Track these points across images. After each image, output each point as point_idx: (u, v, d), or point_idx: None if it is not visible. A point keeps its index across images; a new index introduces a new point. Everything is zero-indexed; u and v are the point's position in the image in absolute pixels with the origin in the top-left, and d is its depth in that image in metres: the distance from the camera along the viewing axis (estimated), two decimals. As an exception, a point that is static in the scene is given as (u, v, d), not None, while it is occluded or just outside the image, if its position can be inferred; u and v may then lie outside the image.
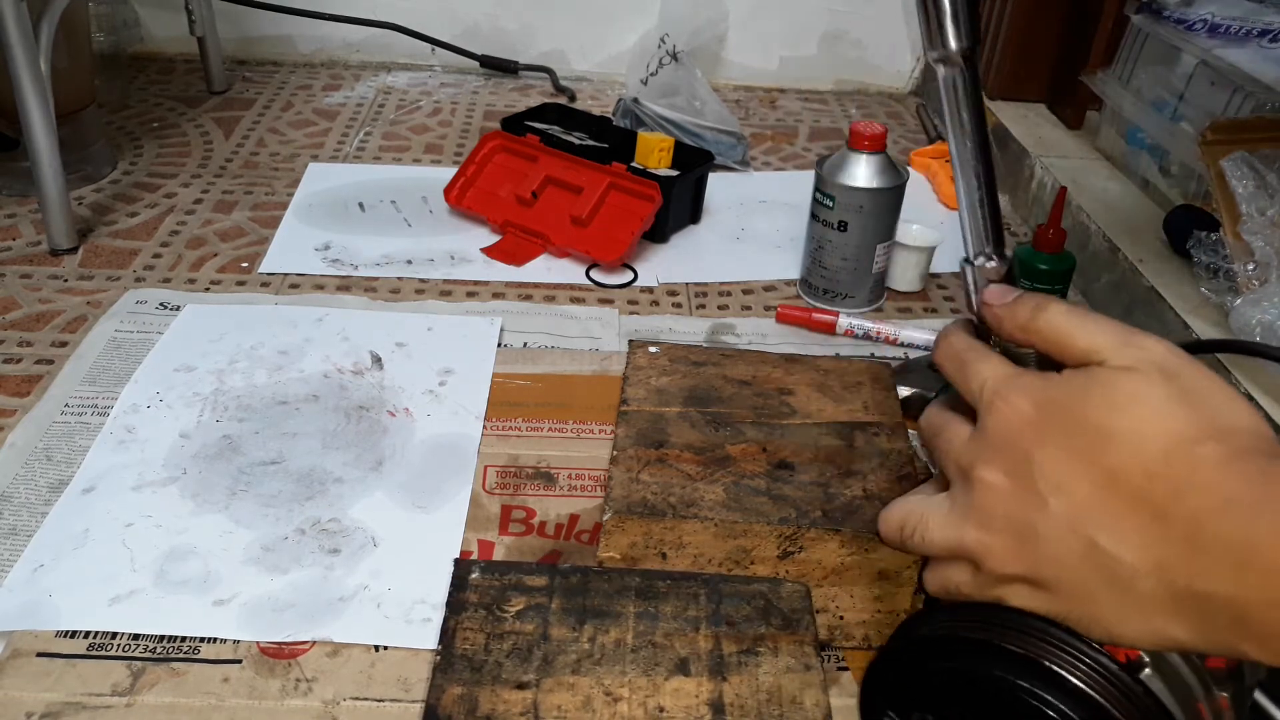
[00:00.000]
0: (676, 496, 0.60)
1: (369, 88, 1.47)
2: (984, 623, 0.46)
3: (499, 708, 0.51)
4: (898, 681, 0.49)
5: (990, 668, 0.44)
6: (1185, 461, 0.39)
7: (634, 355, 0.74)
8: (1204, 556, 0.38)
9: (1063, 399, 0.43)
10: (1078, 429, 0.42)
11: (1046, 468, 0.42)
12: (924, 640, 0.47)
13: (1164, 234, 0.96)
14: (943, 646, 0.47)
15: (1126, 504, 0.40)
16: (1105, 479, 0.40)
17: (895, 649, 0.49)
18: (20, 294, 0.93)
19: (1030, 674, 0.43)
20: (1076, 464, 0.41)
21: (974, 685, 0.45)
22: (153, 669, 0.57)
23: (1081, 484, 0.41)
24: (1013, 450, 0.43)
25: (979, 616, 0.46)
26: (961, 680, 0.46)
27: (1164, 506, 0.39)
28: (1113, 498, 0.40)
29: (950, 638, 0.46)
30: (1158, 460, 0.40)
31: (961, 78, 0.50)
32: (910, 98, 1.58)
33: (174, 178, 1.17)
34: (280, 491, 0.70)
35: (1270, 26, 0.96)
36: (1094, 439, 0.41)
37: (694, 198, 1.10)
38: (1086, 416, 0.42)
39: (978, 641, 0.45)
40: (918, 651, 0.48)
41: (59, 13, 0.97)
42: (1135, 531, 0.40)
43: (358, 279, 0.98)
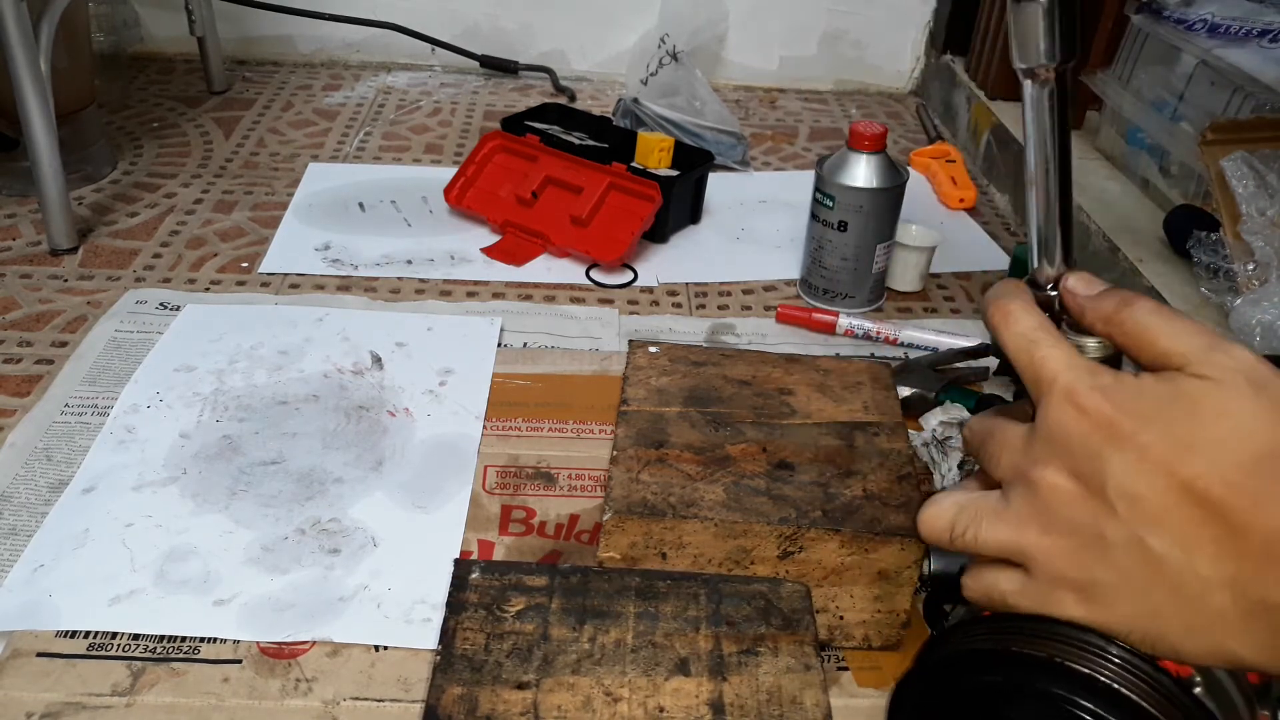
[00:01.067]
0: (676, 496, 0.60)
1: (369, 88, 1.47)
2: (1033, 635, 0.43)
3: (499, 708, 0.51)
4: (932, 698, 0.47)
5: (1041, 682, 0.43)
6: (1268, 475, 0.38)
7: (634, 355, 0.74)
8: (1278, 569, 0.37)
9: (1141, 405, 0.41)
10: (1156, 437, 0.40)
11: (1119, 474, 0.40)
12: (965, 654, 0.45)
13: (1164, 234, 0.96)
14: (985, 660, 0.45)
15: (1202, 515, 0.39)
16: (1182, 489, 0.39)
17: (930, 662, 0.47)
18: (20, 294, 0.93)
19: (1083, 689, 0.41)
20: (1152, 473, 0.40)
21: (1021, 701, 0.43)
22: (153, 669, 0.57)
23: (1155, 493, 0.39)
24: (1083, 453, 0.41)
25: (1025, 629, 0.44)
26: (1006, 696, 0.44)
27: (1243, 520, 0.38)
28: (1188, 508, 0.39)
29: (995, 651, 0.44)
30: (1238, 472, 0.38)
31: (1052, 94, 0.48)
32: (910, 98, 1.58)
33: (174, 178, 1.17)
34: (280, 491, 0.70)
35: (1270, 26, 0.96)
36: (1173, 448, 0.39)
37: (694, 198, 1.10)
38: (1167, 425, 0.40)
39: (1027, 656, 0.43)
40: (958, 665, 0.46)
41: (59, 13, 0.97)
42: (1210, 543, 0.38)
43: (358, 279, 0.98)
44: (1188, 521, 0.39)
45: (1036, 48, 0.47)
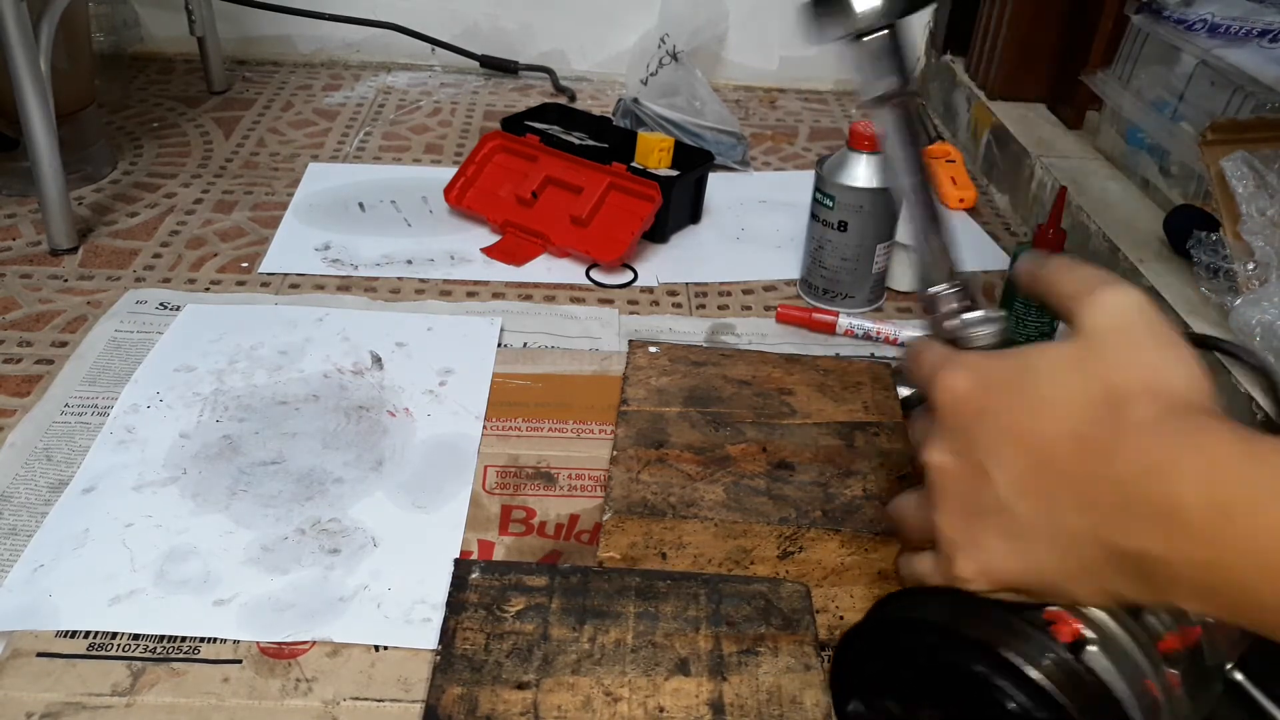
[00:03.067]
0: (676, 496, 0.60)
1: (369, 88, 1.47)
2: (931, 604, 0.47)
3: (499, 708, 0.51)
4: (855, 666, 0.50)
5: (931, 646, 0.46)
6: (1112, 426, 0.40)
7: (634, 355, 0.74)
8: (1135, 519, 0.39)
9: (998, 371, 0.44)
10: (1013, 399, 0.43)
11: (985, 440, 0.43)
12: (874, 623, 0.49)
13: (1164, 234, 0.96)
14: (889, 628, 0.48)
15: (1060, 471, 0.41)
16: (1040, 447, 0.42)
17: (851, 634, 0.51)
18: (20, 294, 0.93)
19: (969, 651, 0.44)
20: (1013, 435, 0.43)
21: (920, 664, 0.46)
22: (153, 669, 0.57)
23: (1019, 454, 0.42)
24: (955, 426, 0.45)
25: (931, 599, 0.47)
26: (907, 660, 0.47)
27: (1095, 471, 0.40)
28: (1047, 466, 0.41)
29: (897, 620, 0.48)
30: (1086, 424, 0.41)
31: (903, 115, 0.53)
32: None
33: (174, 178, 1.17)
34: (280, 491, 0.70)
35: (1270, 26, 0.96)
36: (1028, 408, 0.42)
37: (694, 198, 1.10)
38: (1021, 387, 0.43)
39: (921, 621, 0.47)
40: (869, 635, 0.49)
41: (59, 13, 0.97)
42: (1071, 497, 0.41)
43: (358, 279, 0.98)
44: (1050, 479, 0.41)
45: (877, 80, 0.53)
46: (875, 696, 0.49)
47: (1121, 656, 0.44)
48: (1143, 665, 0.44)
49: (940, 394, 0.46)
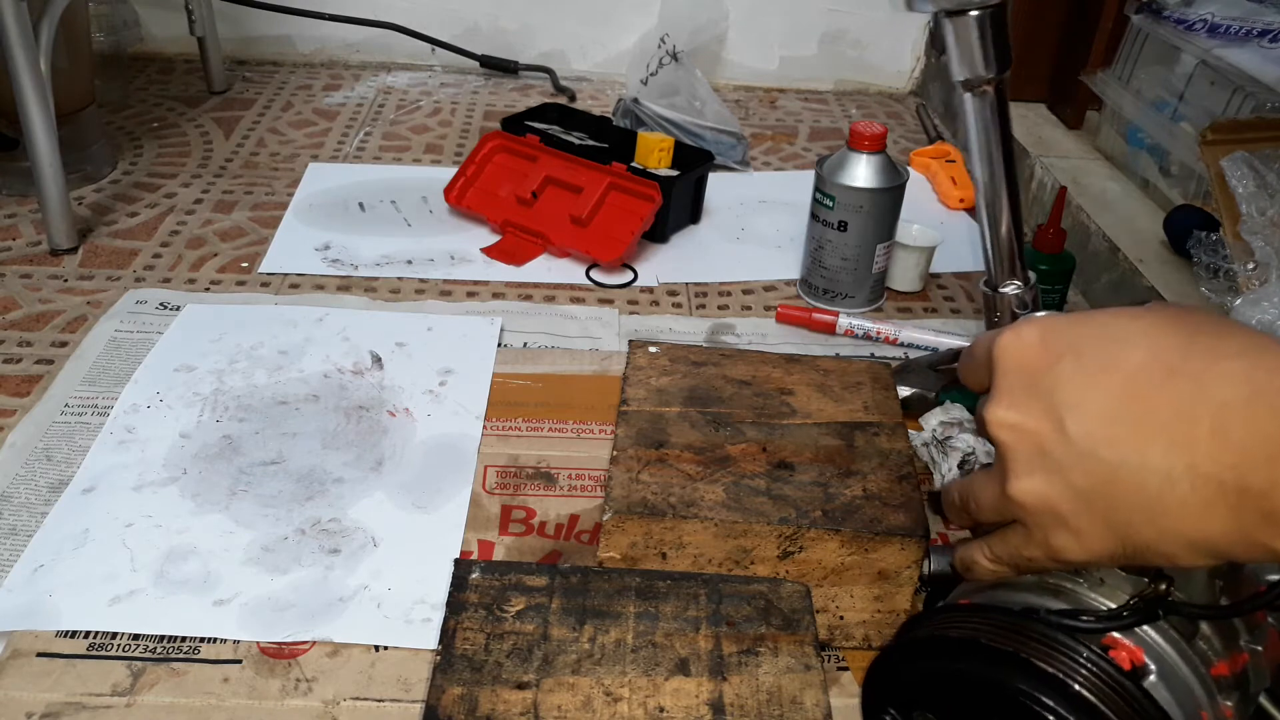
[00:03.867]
0: (676, 496, 0.60)
1: (369, 88, 1.47)
2: (982, 624, 0.45)
3: (499, 708, 0.51)
4: (898, 679, 0.48)
5: (990, 671, 0.44)
6: (1205, 354, 0.38)
7: (634, 355, 0.74)
8: (1234, 449, 0.36)
9: (1071, 323, 0.42)
10: (1091, 343, 0.41)
11: (1060, 385, 0.41)
12: (924, 640, 0.47)
13: (1164, 234, 0.96)
14: (943, 647, 0.46)
15: (1146, 407, 0.38)
16: (1125, 383, 0.39)
17: (896, 647, 0.49)
18: (20, 294, 0.93)
19: (1031, 678, 0.42)
20: (1093, 374, 0.40)
21: (972, 688, 0.45)
22: (153, 669, 0.57)
23: (1099, 395, 0.40)
24: (1022, 380, 0.42)
25: (976, 617, 0.45)
26: (960, 682, 0.45)
27: (1188, 404, 0.38)
28: (1132, 403, 0.39)
29: (951, 639, 0.46)
30: (1177, 354, 0.38)
31: (991, 105, 0.49)
32: (910, 98, 1.58)
33: (174, 178, 1.17)
34: (280, 491, 0.70)
35: (1270, 26, 0.96)
36: (1110, 347, 0.40)
37: (694, 198, 1.10)
38: (1100, 331, 0.41)
39: (977, 644, 0.44)
40: (917, 651, 0.47)
41: (59, 13, 0.97)
42: (1161, 433, 0.38)
43: (358, 279, 0.98)
44: (1134, 418, 0.39)
45: (973, 60, 0.48)
46: (916, 711, 0.47)
47: (1178, 685, 0.43)
48: (1200, 695, 0.43)
49: (1005, 352, 0.43)
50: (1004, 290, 0.51)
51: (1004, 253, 0.51)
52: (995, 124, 0.50)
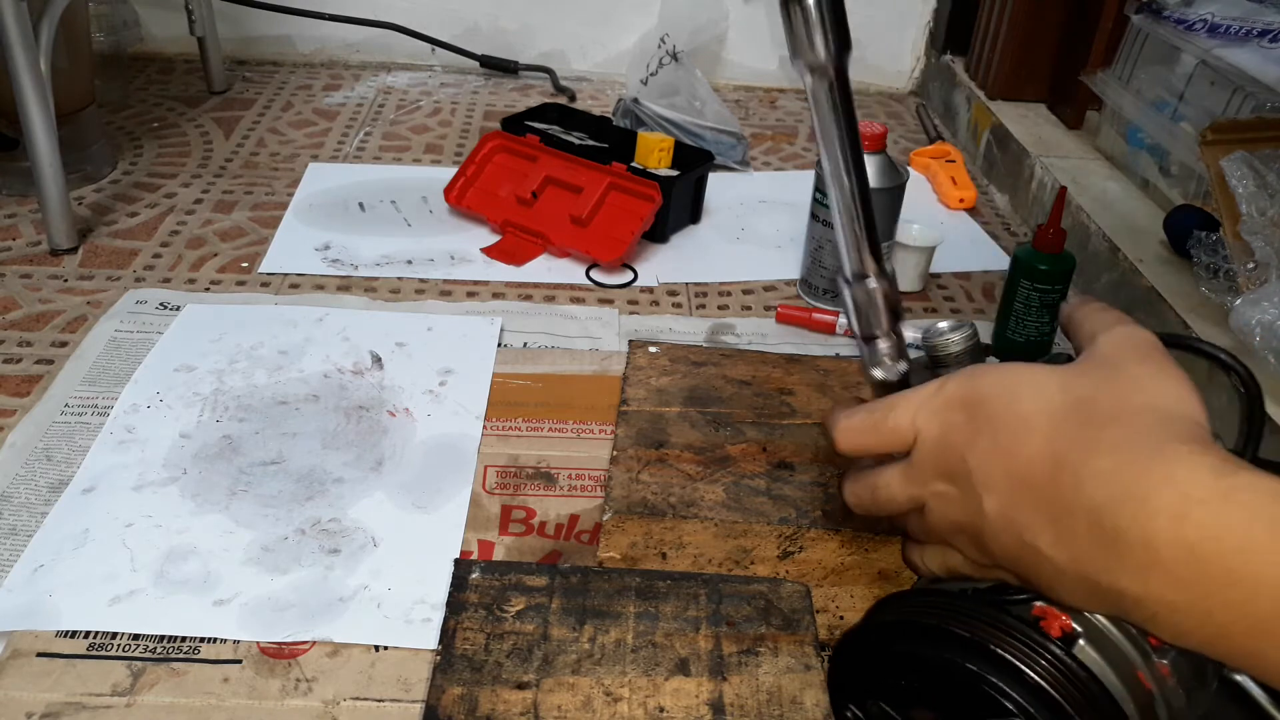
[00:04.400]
0: (676, 496, 0.60)
1: (369, 88, 1.47)
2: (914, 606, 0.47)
3: (499, 708, 0.51)
4: (851, 671, 0.50)
5: (923, 647, 0.46)
6: (1085, 445, 0.39)
7: (634, 355, 0.74)
8: (1109, 553, 0.38)
9: (985, 393, 0.44)
10: (1001, 420, 0.42)
11: (976, 465, 0.43)
12: (868, 628, 0.49)
13: (1164, 234, 0.96)
14: (882, 631, 0.48)
15: (1037, 496, 0.40)
16: (1021, 470, 0.41)
17: (846, 638, 0.51)
18: (20, 294, 0.93)
19: (960, 649, 0.44)
20: (1000, 457, 0.42)
21: (912, 666, 0.46)
22: (153, 669, 0.57)
23: (1005, 478, 0.42)
24: (949, 457, 0.44)
25: (921, 600, 0.48)
26: (900, 663, 0.47)
27: (1069, 498, 0.39)
28: (1028, 490, 0.41)
29: (889, 622, 0.48)
30: (1062, 442, 0.40)
31: (830, 89, 0.48)
32: (910, 98, 1.58)
33: (174, 178, 1.17)
34: (280, 491, 0.70)
35: (1270, 26, 0.96)
36: (1016, 429, 0.42)
37: (694, 198, 1.10)
38: (1009, 406, 0.42)
39: (913, 624, 0.47)
40: (863, 639, 0.49)
41: (59, 13, 0.97)
42: (1048, 526, 0.40)
43: (358, 279, 0.98)
44: (1029, 505, 0.41)
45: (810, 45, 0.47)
46: (870, 701, 0.49)
47: (1111, 649, 0.44)
48: (1133, 657, 0.44)
49: (931, 431, 0.45)
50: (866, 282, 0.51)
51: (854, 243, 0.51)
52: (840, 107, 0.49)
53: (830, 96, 0.48)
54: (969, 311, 0.99)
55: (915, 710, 0.47)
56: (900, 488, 0.48)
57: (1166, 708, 0.44)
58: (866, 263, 0.51)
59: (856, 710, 0.50)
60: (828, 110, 0.49)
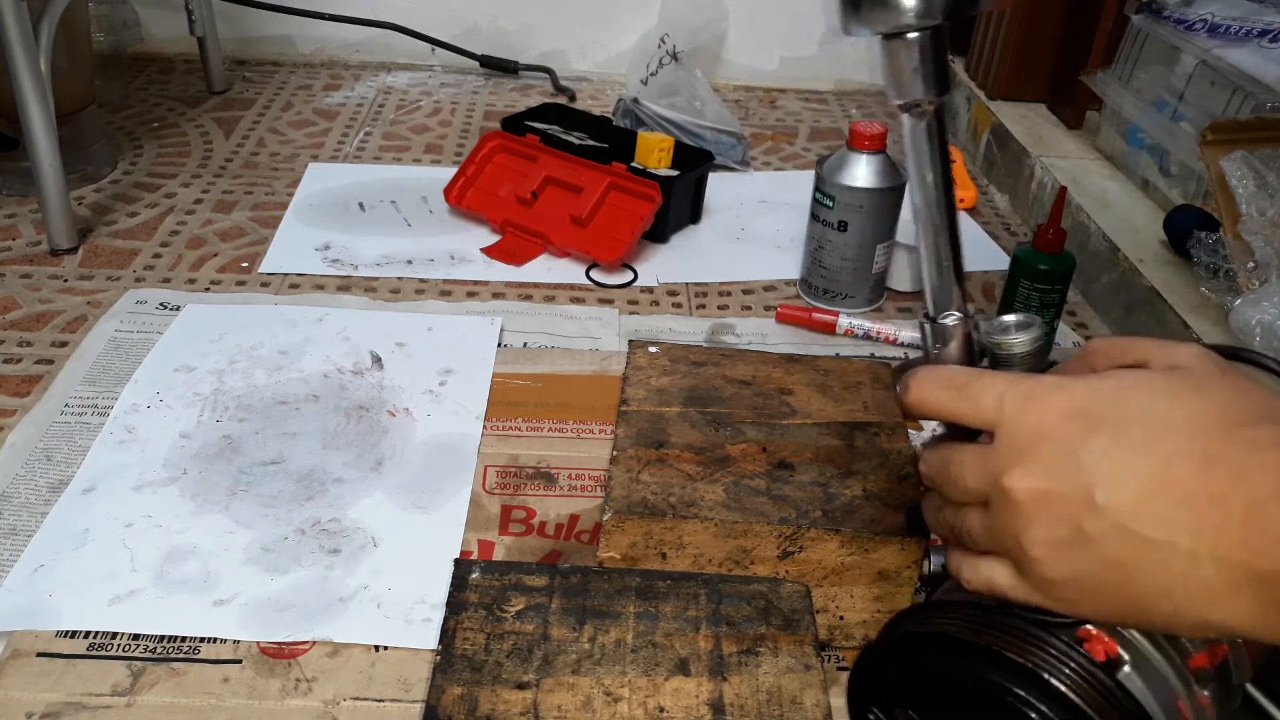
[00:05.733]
0: (676, 496, 0.60)
1: (369, 88, 1.47)
2: (956, 619, 0.45)
3: (499, 708, 0.51)
4: (881, 676, 0.48)
5: (965, 666, 0.44)
6: (1245, 444, 0.38)
7: (634, 355, 0.74)
8: (1264, 537, 0.37)
9: (1110, 392, 0.42)
10: (1131, 419, 0.40)
11: (1097, 461, 0.40)
12: (905, 637, 0.47)
13: (1164, 234, 0.96)
14: (919, 644, 0.46)
15: (1181, 490, 0.39)
16: (1162, 466, 0.39)
17: (880, 644, 0.49)
18: (20, 294, 0.93)
19: (1006, 671, 0.43)
20: (1131, 454, 0.40)
21: (949, 683, 0.45)
22: (153, 669, 0.57)
23: (1135, 475, 0.40)
24: (1053, 448, 0.41)
25: (951, 612, 0.46)
26: (937, 678, 0.45)
27: (1223, 490, 0.38)
28: (1167, 486, 0.39)
29: (925, 635, 0.46)
30: (1217, 442, 0.39)
31: (931, 127, 0.48)
32: (910, 98, 1.57)
33: (174, 178, 1.17)
34: (280, 491, 0.70)
35: (1270, 26, 0.96)
36: (1151, 426, 0.40)
37: (694, 198, 1.10)
38: (1141, 406, 0.41)
39: (950, 638, 0.45)
40: (899, 648, 0.47)
41: (59, 13, 0.97)
42: (1191, 517, 0.39)
43: (358, 279, 0.98)
44: (1167, 499, 0.39)
45: (912, 83, 0.47)
46: (898, 709, 0.48)
47: (1155, 677, 0.43)
48: (1176, 686, 0.43)
49: (1029, 417, 0.42)
50: (943, 322, 0.50)
51: (945, 283, 0.50)
52: (937, 146, 0.48)
53: (929, 138, 0.48)
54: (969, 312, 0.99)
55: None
56: (975, 471, 0.44)
57: None
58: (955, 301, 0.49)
59: (879, 714, 0.48)
60: (926, 152, 0.48)
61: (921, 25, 0.46)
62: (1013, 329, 0.48)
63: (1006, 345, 0.48)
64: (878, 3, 0.46)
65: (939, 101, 0.48)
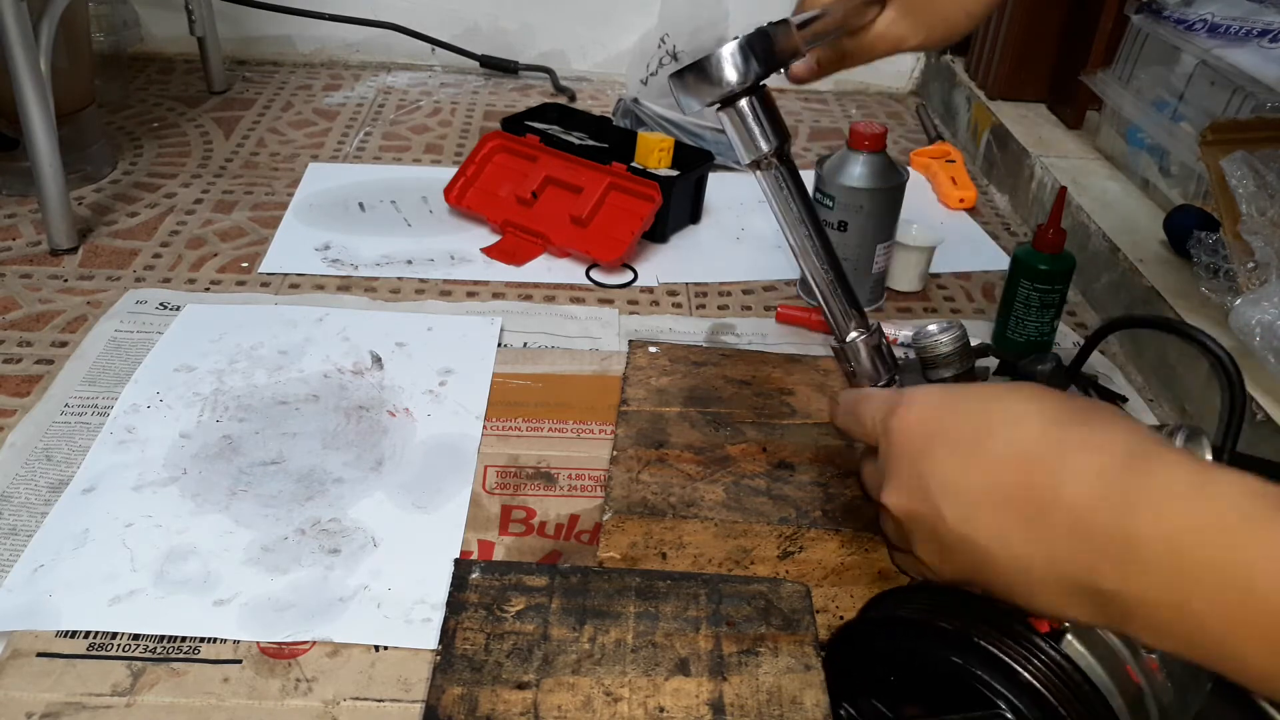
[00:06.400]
0: (676, 496, 0.60)
1: (369, 88, 1.47)
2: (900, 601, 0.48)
3: (499, 708, 0.51)
4: (844, 666, 0.51)
5: (915, 646, 0.46)
6: (1060, 446, 0.40)
7: (634, 355, 0.74)
8: (1088, 550, 0.38)
9: (944, 405, 0.44)
10: (960, 428, 0.43)
11: (935, 472, 0.43)
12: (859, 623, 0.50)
13: (1164, 234, 0.96)
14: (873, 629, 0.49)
15: (1007, 496, 0.41)
16: (989, 472, 0.41)
17: (839, 633, 0.52)
18: (20, 294, 0.93)
19: (950, 645, 0.45)
20: (960, 462, 0.42)
21: (902, 665, 0.47)
22: (153, 669, 0.57)
23: (967, 483, 0.42)
24: (907, 466, 0.45)
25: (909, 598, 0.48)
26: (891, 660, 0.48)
27: (1044, 497, 0.39)
28: (996, 492, 0.41)
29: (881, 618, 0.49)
30: (1035, 443, 0.40)
31: (780, 174, 0.53)
32: (910, 98, 1.58)
33: (174, 178, 1.17)
34: (280, 491, 0.70)
35: (1270, 26, 0.96)
36: (977, 434, 0.42)
37: (694, 198, 1.10)
38: (970, 415, 0.43)
39: (899, 620, 0.47)
40: (853, 634, 0.50)
41: (59, 13, 0.97)
42: (1021, 524, 0.40)
43: (358, 279, 0.98)
44: (998, 506, 0.41)
45: (754, 141, 0.53)
46: (862, 699, 0.49)
47: (1099, 644, 0.44)
48: (1121, 652, 0.44)
49: (893, 434, 0.46)
50: (848, 341, 0.55)
51: (837, 308, 0.55)
52: (792, 190, 0.54)
53: (783, 183, 0.54)
54: (969, 311, 0.99)
55: (906, 707, 0.47)
56: (872, 488, 0.48)
57: (1156, 702, 0.44)
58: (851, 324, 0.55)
59: (850, 709, 0.50)
60: (785, 196, 0.54)
61: (745, 88, 0.52)
62: (936, 333, 0.54)
63: (931, 348, 0.54)
64: (701, 80, 0.52)
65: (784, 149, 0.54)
